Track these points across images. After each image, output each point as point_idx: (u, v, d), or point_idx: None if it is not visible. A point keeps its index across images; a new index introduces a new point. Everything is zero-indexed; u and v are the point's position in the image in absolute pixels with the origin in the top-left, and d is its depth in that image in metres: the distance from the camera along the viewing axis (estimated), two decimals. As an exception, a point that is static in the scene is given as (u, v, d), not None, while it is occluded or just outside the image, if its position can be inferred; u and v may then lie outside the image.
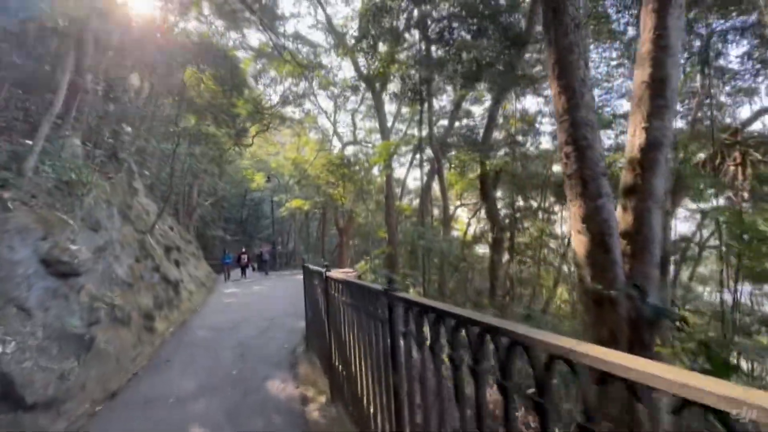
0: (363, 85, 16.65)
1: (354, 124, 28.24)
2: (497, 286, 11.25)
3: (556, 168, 13.40)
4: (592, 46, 10.80)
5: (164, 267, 9.98)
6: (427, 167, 16.71)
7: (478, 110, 17.87)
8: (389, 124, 22.75)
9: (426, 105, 12.29)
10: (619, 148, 11.22)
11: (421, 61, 11.28)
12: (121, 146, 9.26)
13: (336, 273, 4.11)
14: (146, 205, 12.53)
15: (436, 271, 13.36)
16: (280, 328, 7.93)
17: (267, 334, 7.54)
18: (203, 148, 15.14)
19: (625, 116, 11.44)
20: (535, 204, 16.01)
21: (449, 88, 13.65)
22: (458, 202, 24.77)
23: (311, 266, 5.57)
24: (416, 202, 26.17)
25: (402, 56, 12.59)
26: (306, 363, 5.65)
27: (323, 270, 4.27)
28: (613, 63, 11.73)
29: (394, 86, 13.24)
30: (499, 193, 15.59)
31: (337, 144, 29.55)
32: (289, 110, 29.61)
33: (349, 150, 26.71)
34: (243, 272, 17.40)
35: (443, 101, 17.89)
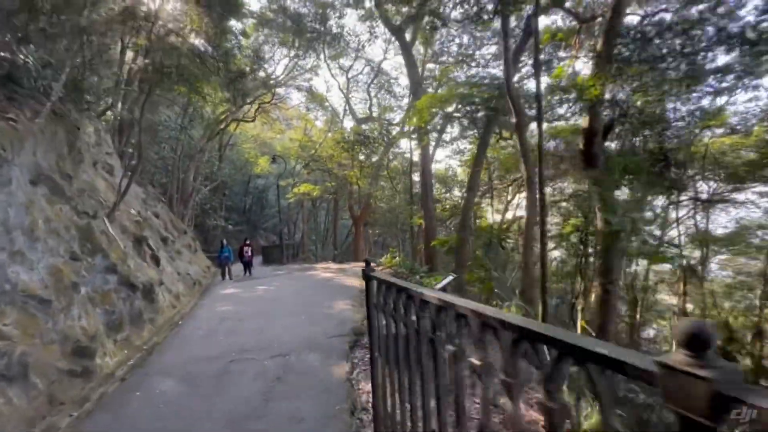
0: (388, 38, 13.32)
1: (369, 97, 24.86)
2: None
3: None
4: None
5: (127, 267, 6.92)
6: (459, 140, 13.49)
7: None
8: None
9: (503, 25, 8.54)
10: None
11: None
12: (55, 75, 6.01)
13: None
14: (114, 182, 9.48)
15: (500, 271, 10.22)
16: (302, 379, 4.45)
17: (279, 396, 4.06)
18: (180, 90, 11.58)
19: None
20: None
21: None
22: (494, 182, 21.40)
23: (392, 278, 2.41)
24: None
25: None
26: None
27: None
28: None
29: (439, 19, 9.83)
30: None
31: (349, 123, 26.23)
32: (295, 91, 26.47)
33: (365, 128, 23.39)
34: (246, 269, 14.36)
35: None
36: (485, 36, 18.13)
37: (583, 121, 6.65)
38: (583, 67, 14.15)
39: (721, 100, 14.73)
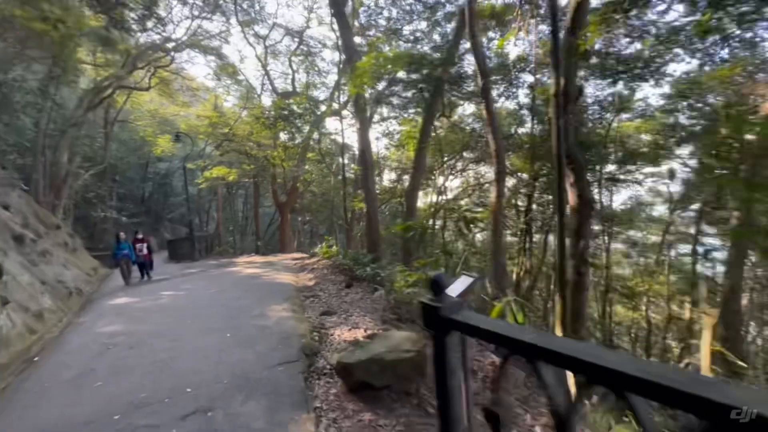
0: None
1: (292, 70, 22.34)
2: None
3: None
4: None
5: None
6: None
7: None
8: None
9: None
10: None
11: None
12: None
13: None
14: None
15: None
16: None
17: None
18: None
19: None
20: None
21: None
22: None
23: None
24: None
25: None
26: None
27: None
28: None
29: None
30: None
31: (269, 100, 23.36)
32: (201, 57, 22.71)
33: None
34: (142, 271, 11.37)
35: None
36: (415, 10, 17.10)
37: (553, 86, 5.88)
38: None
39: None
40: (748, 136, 14.19)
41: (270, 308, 6.69)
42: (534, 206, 16.29)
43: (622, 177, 20.01)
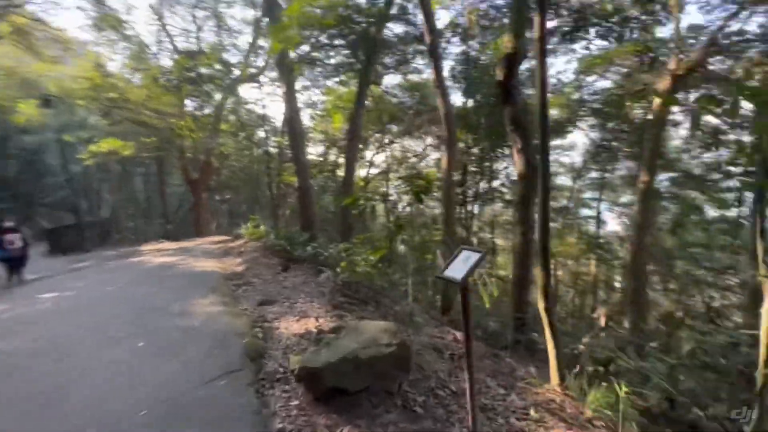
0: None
1: (197, 26, 19.18)
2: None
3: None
4: None
5: None
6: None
7: None
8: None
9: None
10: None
11: None
12: None
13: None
14: None
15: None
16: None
17: None
18: None
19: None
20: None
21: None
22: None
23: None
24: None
25: None
26: None
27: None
28: None
29: None
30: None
31: (169, 62, 19.90)
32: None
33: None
34: (12, 269, 8.87)
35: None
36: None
37: (505, 43, 5.59)
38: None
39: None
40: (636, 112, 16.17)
41: (194, 303, 5.59)
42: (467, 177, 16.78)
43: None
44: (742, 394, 3.54)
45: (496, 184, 17.72)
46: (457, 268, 2.23)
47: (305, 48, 12.07)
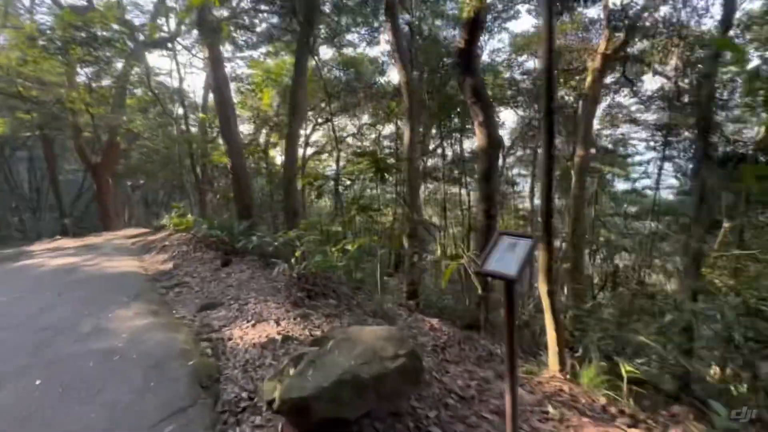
0: None
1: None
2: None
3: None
4: None
5: None
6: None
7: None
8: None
9: None
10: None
11: None
12: None
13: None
14: None
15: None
16: None
17: None
18: None
19: None
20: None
21: None
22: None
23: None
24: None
25: None
26: None
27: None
28: None
29: None
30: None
31: (48, 19, 16.17)
32: None
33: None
34: None
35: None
36: None
37: (466, 6, 5.11)
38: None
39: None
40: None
41: (112, 316, 4.44)
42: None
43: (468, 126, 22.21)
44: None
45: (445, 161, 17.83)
46: (505, 260, 1.74)
47: (225, 13, 10.48)
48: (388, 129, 21.08)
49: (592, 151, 15.18)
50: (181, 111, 14.97)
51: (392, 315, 4.74)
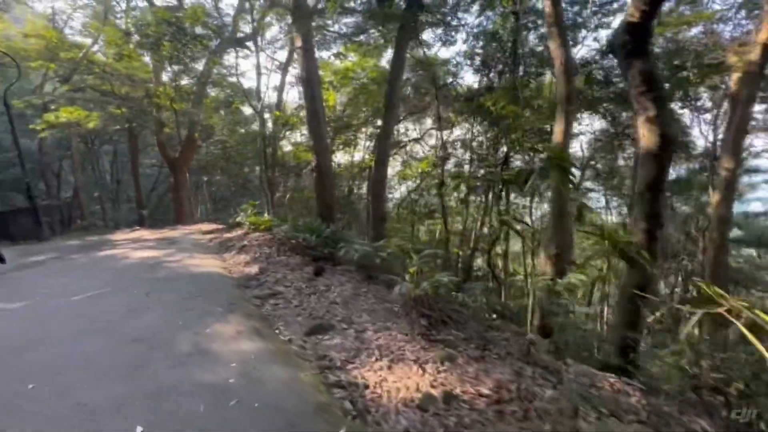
0: None
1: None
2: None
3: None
4: None
5: None
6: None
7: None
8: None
9: None
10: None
11: None
12: None
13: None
14: None
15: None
16: None
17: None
18: None
19: None
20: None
21: None
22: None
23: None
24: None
25: None
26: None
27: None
28: None
29: None
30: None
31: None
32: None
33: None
34: None
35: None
36: None
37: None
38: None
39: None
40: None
41: (210, 331, 3.70)
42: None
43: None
44: None
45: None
46: None
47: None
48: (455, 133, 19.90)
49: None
50: (257, 109, 14.92)
51: (549, 363, 3.60)
